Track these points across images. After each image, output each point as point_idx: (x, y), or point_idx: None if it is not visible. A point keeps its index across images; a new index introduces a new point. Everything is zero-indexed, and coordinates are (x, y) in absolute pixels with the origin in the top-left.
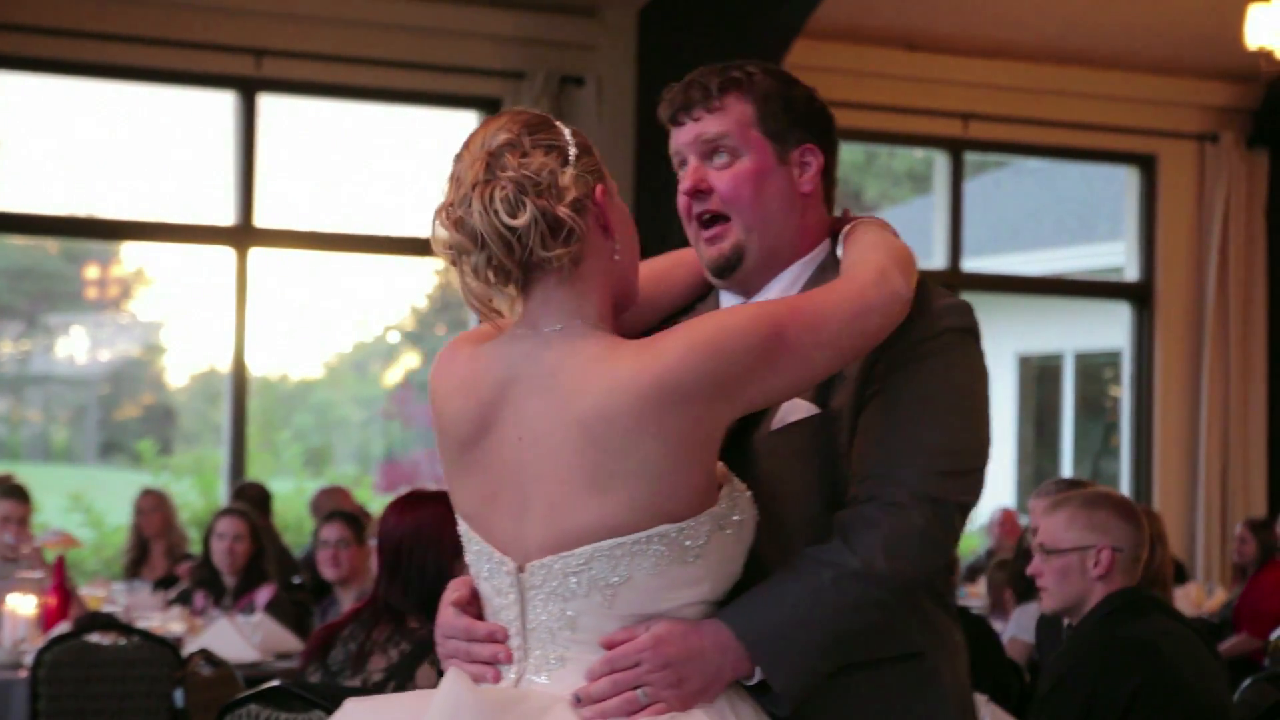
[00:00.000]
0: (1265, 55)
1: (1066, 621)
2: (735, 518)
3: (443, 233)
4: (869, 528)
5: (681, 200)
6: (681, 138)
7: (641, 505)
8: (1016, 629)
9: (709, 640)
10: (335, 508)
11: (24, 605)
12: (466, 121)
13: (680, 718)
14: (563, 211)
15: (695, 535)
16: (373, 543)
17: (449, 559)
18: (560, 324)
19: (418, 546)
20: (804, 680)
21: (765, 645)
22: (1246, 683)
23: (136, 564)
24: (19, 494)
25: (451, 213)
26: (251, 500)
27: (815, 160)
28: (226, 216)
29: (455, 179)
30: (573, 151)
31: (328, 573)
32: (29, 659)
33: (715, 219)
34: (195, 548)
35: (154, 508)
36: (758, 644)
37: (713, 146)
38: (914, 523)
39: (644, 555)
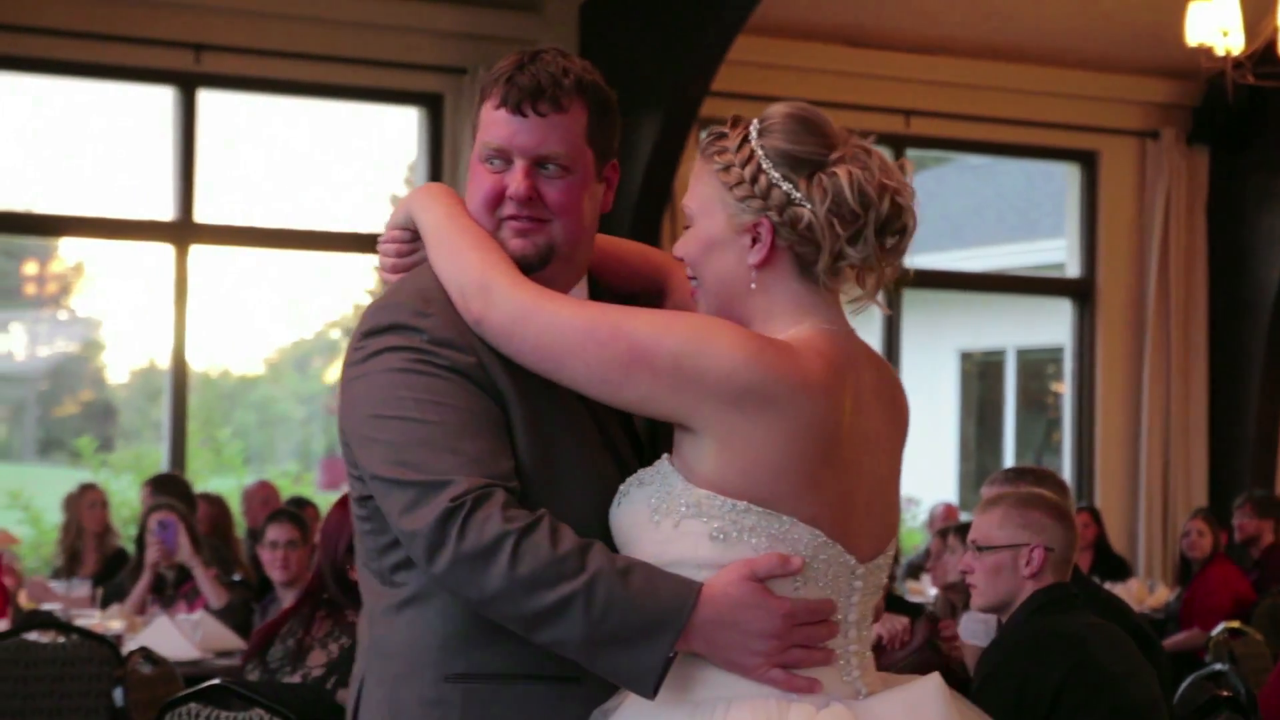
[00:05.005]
0: (1206, 52)
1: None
2: None
3: None
4: None
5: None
6: (519, 138)
7: None
8: (966, 634)
9: None
10: (268, 504)
11: None
12: (407, 117)
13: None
14: None
15: None
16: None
17: (343, 558)
18: None
19: (328, 543)
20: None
21: None
22: (1188, 680)
23: (73, 561)
24: None
25: None
26: (175, 496)
27: (615, 178)
28: (166, 212)
29: None
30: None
31: (276, 575)
32: None
33: (535, 220)
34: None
35: (97, 503)
36: None
37: (544, 160)
38: None
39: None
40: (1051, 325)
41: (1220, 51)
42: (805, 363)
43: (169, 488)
